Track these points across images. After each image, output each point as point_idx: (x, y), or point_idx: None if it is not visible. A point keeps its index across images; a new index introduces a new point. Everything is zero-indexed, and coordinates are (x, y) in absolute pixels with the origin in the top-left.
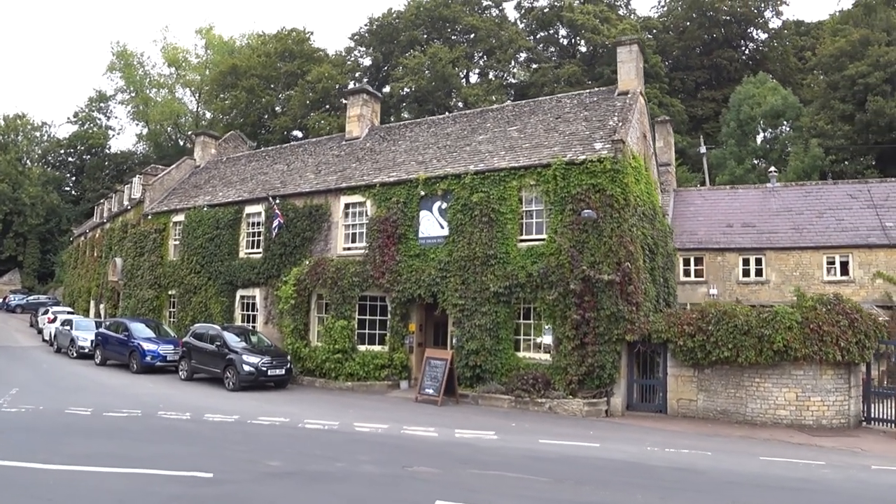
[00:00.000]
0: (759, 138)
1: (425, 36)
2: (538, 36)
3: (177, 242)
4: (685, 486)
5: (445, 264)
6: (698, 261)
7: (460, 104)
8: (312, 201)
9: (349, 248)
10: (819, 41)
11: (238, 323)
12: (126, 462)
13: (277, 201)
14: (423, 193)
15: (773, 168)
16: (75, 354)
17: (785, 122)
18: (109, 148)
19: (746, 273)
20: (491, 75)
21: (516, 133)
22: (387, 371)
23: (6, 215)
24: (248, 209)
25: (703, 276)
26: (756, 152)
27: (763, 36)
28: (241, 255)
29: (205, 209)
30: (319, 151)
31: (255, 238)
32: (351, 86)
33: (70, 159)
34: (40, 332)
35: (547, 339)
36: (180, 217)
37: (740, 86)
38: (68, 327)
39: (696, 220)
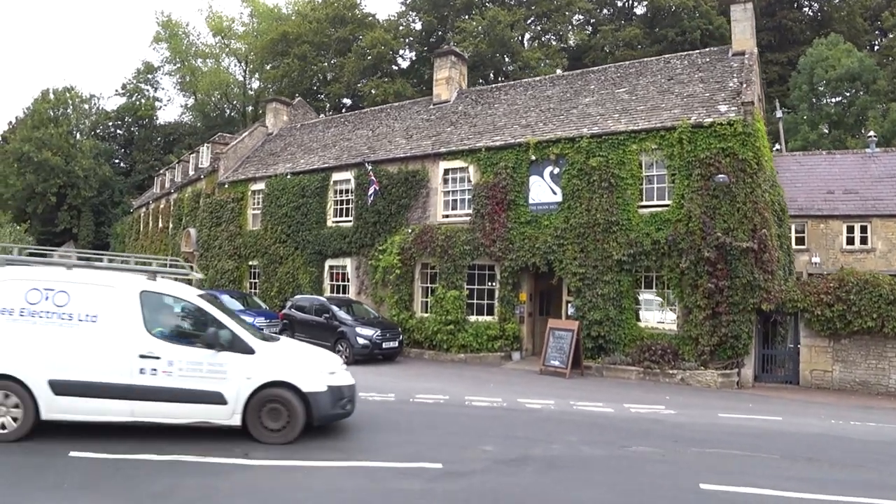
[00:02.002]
0: (833, 102)
1: None
2: None
3: (256, 211)
4: None
5: (562, 231)
6: (799, 228)
7: (518, 69)
8: (408, 167)
9: (448, 216)
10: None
11: (328, 294)
12: (322, 452)
13: (371, 167)
14: (533, 158)
15: (871, 133)
16: None
17: (861, 86)
18: (157, 119)
19: (851, 241)
20: (544, 39)
21: (626, 95)
22: (500, 342)
23: (60, 188)
24: (336, 176)
25: (804, 244)
26: (830, 117)
27: None
28: (329, 223)
29: (288, 177)
30: (406, 116)
31: (344, 206)
32: (405, 51)
33: (119, 131)
34: None
35: (671, 309)
36: (260, 185)
37: (810, 48)
38: None
39: (794, 186)
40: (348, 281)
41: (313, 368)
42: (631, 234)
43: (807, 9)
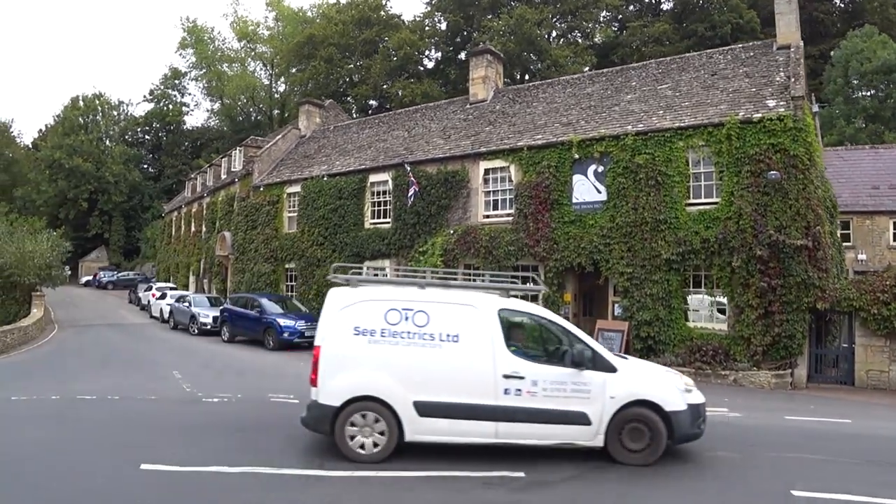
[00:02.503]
0: (869, 95)
1: None
2: None
3: (292, 214)
4: None
5: (608, 230)
6: (844, 224)
7: (545, 68)
8: (447, 167)
9: (489, 216)
10: None
11: None
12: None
13: (409, 168)
14: (576, 156)
15: None
16: (196, 331)
17: None
18: (184, 124)
19: None
20: (569, 37)
21: (669, 91)
22: None
23: (91, 194)
24: (373, 177)
25: (849, 241)
26: (866, 110)
27: None
28: (367, 225)
29: (324, 179)
30: (442, 116)
31: (382, 207)
32: (431, 52)
33: (147, 137)
34: (143, 308)
35: (721, 308)
36: (296, 188)
37: (844, 40)
38: (186, 304)
39: (838, 181)
40: None
41: (672, 386)
42: (679, 232)
43: (838, 1)
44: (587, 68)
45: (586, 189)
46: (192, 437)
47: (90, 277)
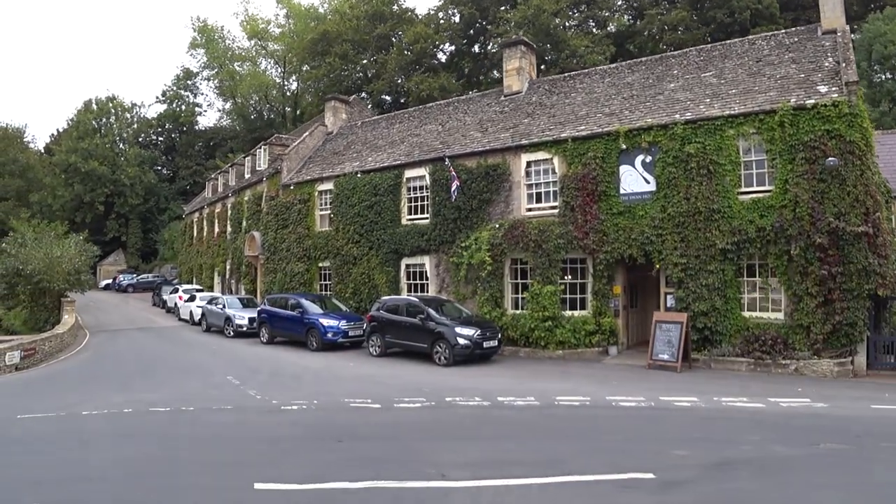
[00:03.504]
0: (893, 78)
1: None
2: None
3: (325, 212)
4: None
5: (660, 221)
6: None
7: (564, 58)
8: (487, 161)
9: (532, 209)
10: None
11: (405, 293)
12: (534, 468)
13: (449, 163)
14: (623, 147)
15: None
16: (232, 333)
17: None
18: (197, 124)
19: None
20: (585, 26)
21: (714, 79)
22: (597, 337)
23: (107, 197)
24: (409, 173)
25: (892, 225)
26: (891, 93)
27: None
28: (404, 221)
29: (358, 175)
30: (476, 109)
31: (419, 203)
32: (445, 45)
33: (160, 139)
34: (170, 311)
35: (777, 297)
36: (328, 185)
37: (866, 23)
38: (220, 307)
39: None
40: (427, 279)
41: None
42: (733, 221)
43: None
44: (604, 57)
45: (634, 179)
46: (292, 451)
47: (109, 281)
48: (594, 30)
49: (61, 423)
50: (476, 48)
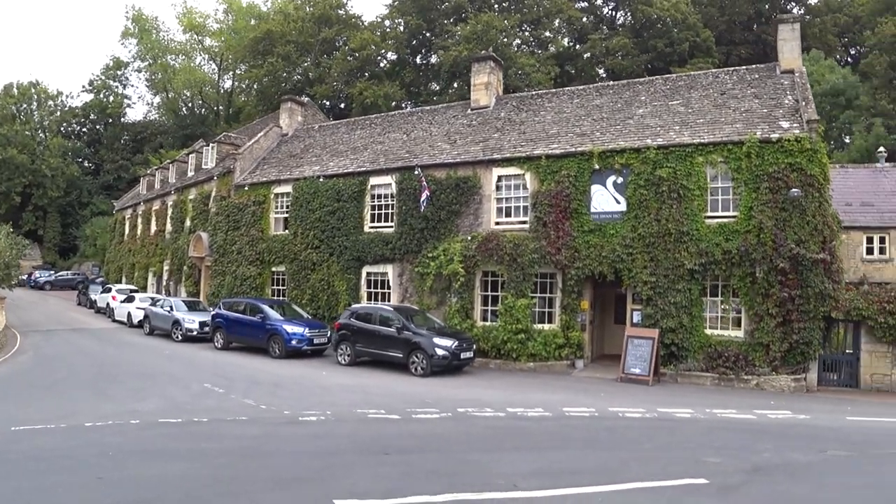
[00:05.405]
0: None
1: (470, 2)
2: (577, 6)
3: (281, 215)
4: None
5: (630, 240)
6: None
7: (512, 76)
8: (457, 173)
9: (500, 223)
10: (857, 20)
11: (364, 302)
12: (595, 476)
13: (420, 173)
14: (596, 167)
15: (881, 148)
16: (180, 338)
17: (843, 101)
18: (125, 116)
19: (870, 251)
20: (527, 47)
21: (682, 108)
22: (566, 350)
23: (25, 188)
24: (374, 180)
25: None
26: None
27: (800, 12)
28: (367, 228)
29: (320, 180)
30: (442, 120)
31: (384, 211)
32: (390, 54)
33: (84, 129)
34: (100, 311)
35: (738, 316)
36: (285, 188)
37: None
38: (167, 309)
39: None
40: (389, 288)
41: None
42: (701, 243)
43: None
44: (549, 77)
45: (605, 199)
46: (348, 465)
47: (24, 277)
48: (536, 50)
49: (71, 437)
50: (418, 59)
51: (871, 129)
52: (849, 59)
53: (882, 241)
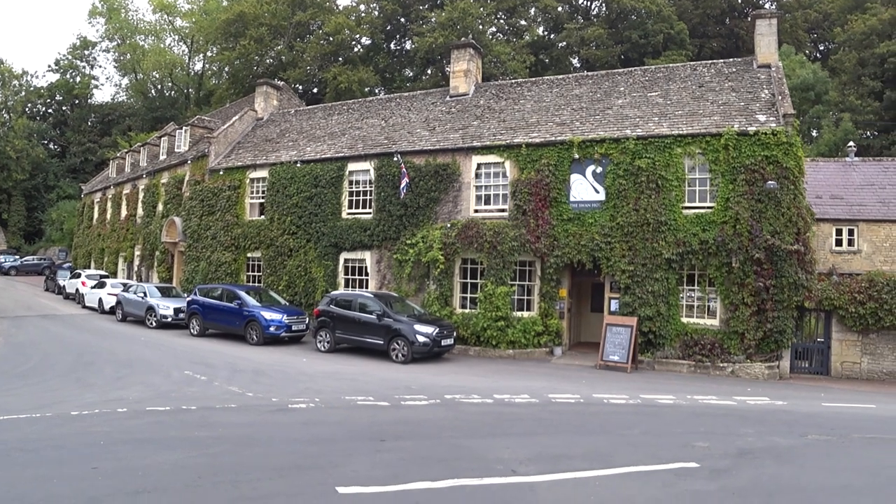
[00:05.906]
0: None
1: None
2: None
3: (256, 201)
4: None
5: (609, 229)
6: None
7: (488, 64)
8: (436, 160)
9: (479, 210)
10: (827, 16)
11: (342, 289)
12: (589, 461)
13: (397, 158)
14: (576, 156)
15: (851, 143)
16: (155, 324)
17: (813, 96)
18: (92, 97)
19: (839, 243)
20: (502, 35)
21: (660, 100)
22: (545, 338)
23: None
24: (352, 166)
25: None
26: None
27: (772, 7)
28: (344, 215)
29: (297, 165)
30: (421, 107)
31: (362, 197)
32: (364, 39)
33: (50, 111)
34: (68, 297)
35: (714, 305)
36: (262, 173)
37: None
38: (141, 295)
39: None
40: (367, 275)
41: None
42: (678, 233)
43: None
44: (524, 65)
45: (584, 188)
46: (346, 452)
47: None
48: (512, 38)
49: (59, 426)
50: (392, 45)
51: (839, 124)
52: (818, 55)
53: (851, 233)
